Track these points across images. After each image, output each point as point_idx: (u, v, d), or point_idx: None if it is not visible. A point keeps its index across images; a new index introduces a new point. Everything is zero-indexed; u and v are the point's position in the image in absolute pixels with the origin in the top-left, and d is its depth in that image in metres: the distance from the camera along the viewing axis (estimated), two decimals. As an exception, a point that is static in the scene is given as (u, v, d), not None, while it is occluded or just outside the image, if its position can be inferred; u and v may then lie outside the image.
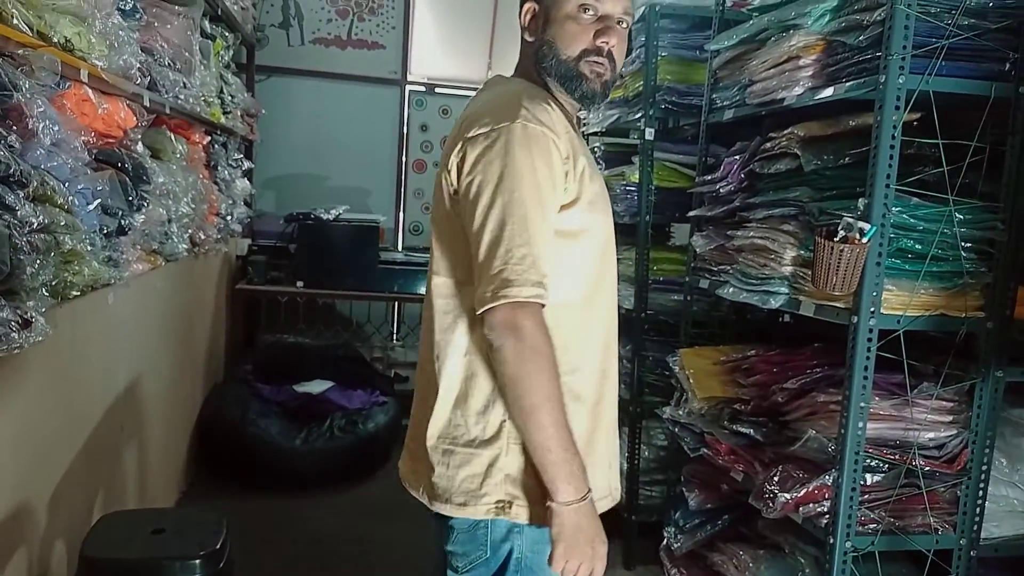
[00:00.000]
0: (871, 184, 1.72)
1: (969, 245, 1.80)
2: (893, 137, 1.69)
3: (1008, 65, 1.75)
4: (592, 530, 1.26)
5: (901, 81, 1.67)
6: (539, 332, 1.21)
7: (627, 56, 1.43)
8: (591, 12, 1.32)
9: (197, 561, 1.69)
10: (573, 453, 1.24)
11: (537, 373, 1.21)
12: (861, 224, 1.69)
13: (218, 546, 1.74)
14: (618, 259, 3.08)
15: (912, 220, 1.77)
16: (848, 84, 1.81)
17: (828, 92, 1.88)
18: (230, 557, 1.79)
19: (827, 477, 1.85)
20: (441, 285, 1.35)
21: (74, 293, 1.87)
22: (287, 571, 2.81)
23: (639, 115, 2.93)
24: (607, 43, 1.32)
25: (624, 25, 1.35)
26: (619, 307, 1.51)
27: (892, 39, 1.66)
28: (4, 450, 1.65)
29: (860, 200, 1.74)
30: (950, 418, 1.88)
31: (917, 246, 1.78)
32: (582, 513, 1.25)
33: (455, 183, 1.30)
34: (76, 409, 2.06)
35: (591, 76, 1.33)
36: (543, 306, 1.23)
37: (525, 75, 1.41)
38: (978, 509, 1.89)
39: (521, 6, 1.40)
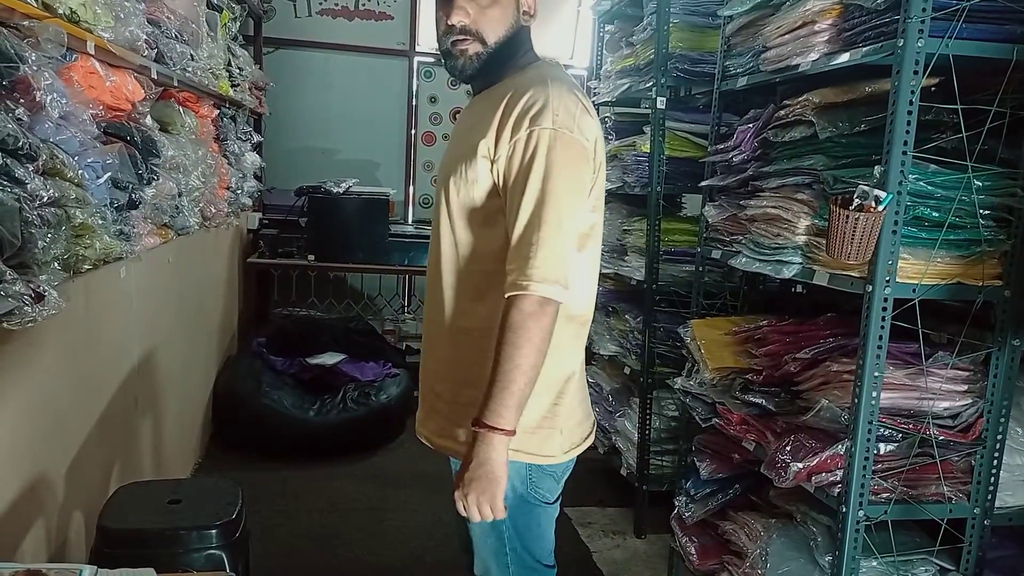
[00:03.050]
0: (887, 151, 1.69)
1: (987, 212, 1.77)
2: (911, 103, 1.66)
3: (1030, 27, 1.71)
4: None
5: (920, 45, 1.63)
6: None
7: (640, 23, 1.46)
8: None
9: (213, 531, 1.71)
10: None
11: None
12: (877, 192, 1.67)
13: (234, 516, 1.76)
14: (629, 230, 3.12)
15: (929, 187, 1.74)
16: (865, 49, 1.77)
17: (844, 58, 1.84)
18: (246, 526, 1.81)
19: (840, 447, 1.84)
20: None
21: (86, 267, 1.87)
22: (302, 540, 2.85)
23: (650, 84, 2.89)
24: (452, 20, 1.41)
25: None
26: (629, 278, 1.59)
27: (911, 1, 1.62)
28: (21, 423, 1.66)
29: (876, 168, 1.71)
30: (965, 387, 1.87)
31: (934, 214, 1.75)
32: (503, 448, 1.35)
33: None
34: (91, 382, 2.08)
35: (456, 52, 1.44)
36: None
37: None
38: (992, 478, 1.88)
39: None
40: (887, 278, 1.73)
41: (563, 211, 1.35)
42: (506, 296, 1.34)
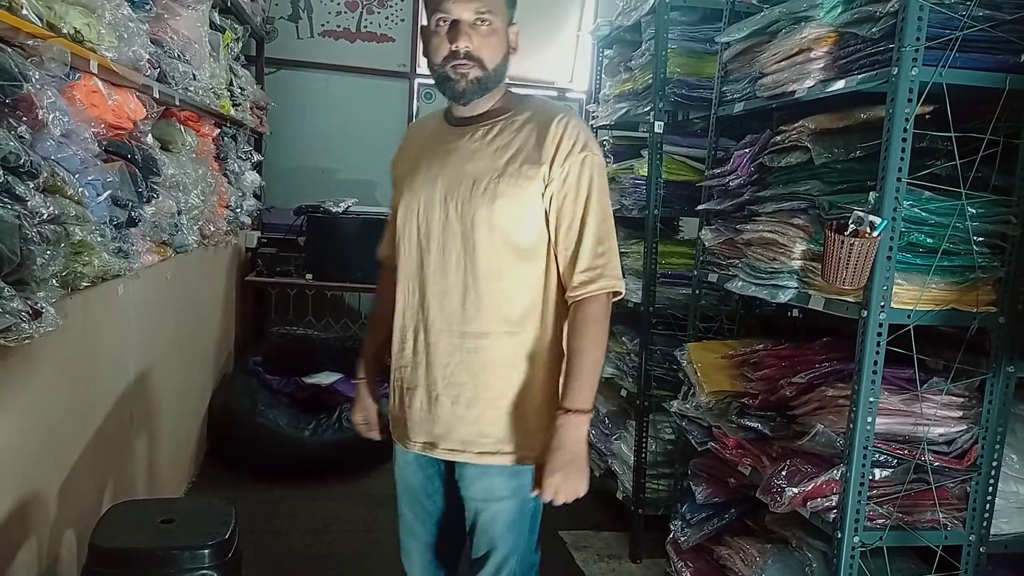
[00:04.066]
0: (882, 177, 1.71)
1: (981, 239, 1.78)
2: (905, 130, 1.68)
3: (1023, 57, 1.73)
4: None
5: (914, 73, 1.66)
6: None
7: (639, 48, 1.52)
8: (444, 22, 1.52)
9: (206, 551, 1.70)
10: None
11: None
12: (872, 218, 1.68)
13: (227, 536, 1.75)
14: (626, 252, 3.13)
15: (923, 214, 1.75)
16: (860, 76, 1.79)
17: (839, 85, 1.86)
18: (239, 547, 1.80)
19: (835, 472, 1.84)
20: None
21: (84, 284, 1.88)
22: (295, 561, 2.83)
23: (648, 108, 2.92)
24: (458, 46, 1.51)
25: (486, 24, 1.52)
26: (627, 300, 1.67)
27: (905, 31, 1.65)
28: (15, 440, 1.66)
29: (871, 194, 1.73)
30: (960, 413, 1.87)
31: (928, 240, 1.76)
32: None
33: None
34: (86, 399, 2.07)
35: (456, 76, 1.53)
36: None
37: None
38: (988, 505, 1.88)
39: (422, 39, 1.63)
40: (882, 303, 1.73)
41: (612, 224, 1.60)
42: (586, 296, 1.55)
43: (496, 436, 1.59)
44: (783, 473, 1.93)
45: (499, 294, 1.56)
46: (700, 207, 2.54)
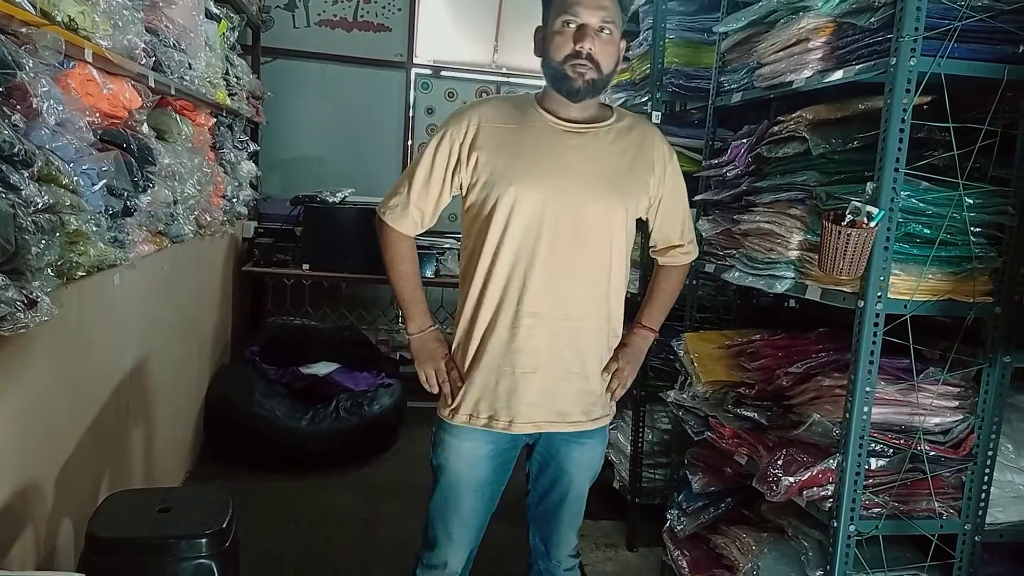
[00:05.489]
0: (880, 168, 1.70)
1: (978, 230, 1.78)
2: (903, 120, 1.67)
3: (1022, 47, 1.72)
4: None
5: (912, 64, 1.65)
6: None
7: (636, 38, 1.55)
8: (572, 25, 1.63)
9: (203, 540, 1.70)
10: None
11: None
12: (869, 208, 1.68)
13: (224, 525, 1.75)
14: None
15: (921, 204, 1.75)
16: (858, 67, 1.79)
17: (837, 75, 1.86)
18: (236, 536, 1.80)
19: (831, 461, 1.85)
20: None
21: (80, 274, 1.87)
22: (292, 550, 2.84)
23: (646, 98, 2.91)
24: (583, 47, 1.62)
25: (607, 32, 1.64)
26: (626, 291, 1.85)
27: (904, 21, 1.64)
28: (11, 430, 1.66)
29: (868, 184, 1.73)
30: (956, 403, 1.88)
31: (925, 230, 1.76)
32: None
33: None
34: (82, 389, 2.07)
35: (574, 75, 1.64)
36: None
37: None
38: (983, 495, 1.89)
39: (535, 38, 1.75)
40: (879, 294, 1.74)
41: None
42: (681, 259, 1.92)
43: (600, 403, 1.82)
44: (779, 462, 1.93)
45: (618, 279, 1.77)
46: (697, 197, 2.54)
